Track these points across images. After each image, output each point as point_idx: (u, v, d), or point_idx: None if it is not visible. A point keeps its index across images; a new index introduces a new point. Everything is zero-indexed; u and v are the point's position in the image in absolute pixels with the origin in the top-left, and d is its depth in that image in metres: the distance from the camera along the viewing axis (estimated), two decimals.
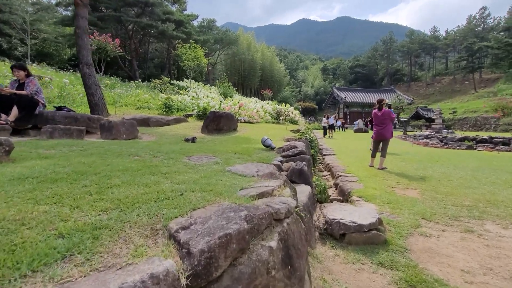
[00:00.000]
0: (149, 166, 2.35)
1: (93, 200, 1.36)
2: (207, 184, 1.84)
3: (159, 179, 1.89)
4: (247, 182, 2.04)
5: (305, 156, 3.64)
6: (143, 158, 2.90)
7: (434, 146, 12.27)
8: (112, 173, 1.93)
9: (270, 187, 1.73)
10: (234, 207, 1.30)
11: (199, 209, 1.32)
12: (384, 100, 6.36)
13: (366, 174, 5.81)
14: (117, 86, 18.33)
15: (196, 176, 2.14)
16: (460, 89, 58.35)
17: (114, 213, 1.22)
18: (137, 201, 1.37)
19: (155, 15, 29.66)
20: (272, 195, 1.64)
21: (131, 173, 1.99)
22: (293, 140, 6.26)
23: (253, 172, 2.73)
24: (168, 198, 1.46)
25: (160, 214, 1.23)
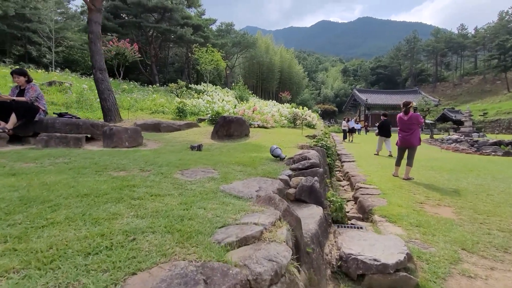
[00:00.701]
0: (125, 187, 1.98)
1: (1, 251, 0.99)
2: (180, 217, 1.43)
3: (121, 209, 1.50)
4: (237, 212, 1.61)
5: (318, 170, 3.15)
6: (128, 174, 2.54)
7: (465, 151, 11.24)
8: (66, 200, 1.57)
9: (258, 227, 1.28)
10: (190, 274, 0.87)
11: (141, 272, 0.91)
12: (411, 103, 5.71)
13: (390, 185, 5.19)
14: (134, 90, 18.56)
15: (174, 202, 1.74)
16: (491, 89, 54.79)
17: (11, 281, 0.83)
18: (61, 255, 0.99)
19: (174, 20, 30.08)
20: (260, 240, 1.21)
21: (91, 199, 1.62)
22: (307, 147, 5.76)
23: (252, 191, 2.30)
24: (111, 247, 1.06)
25: (79, 285, 0.83)
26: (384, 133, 10.84)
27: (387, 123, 11.01)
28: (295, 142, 6.38)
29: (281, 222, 1.46)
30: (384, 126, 11.04)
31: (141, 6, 28.11)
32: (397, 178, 5.95)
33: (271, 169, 3.31)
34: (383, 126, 11.05)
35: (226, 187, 2.36)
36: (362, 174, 6.45)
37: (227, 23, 43.01)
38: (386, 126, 10.99)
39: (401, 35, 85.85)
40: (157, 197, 1.82)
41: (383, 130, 10.92)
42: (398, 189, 4.88)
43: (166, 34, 30.86)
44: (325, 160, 5.30)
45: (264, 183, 2.69)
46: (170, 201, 1.75)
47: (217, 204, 1.80)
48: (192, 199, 1.86)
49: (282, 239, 1.23)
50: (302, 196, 2.69)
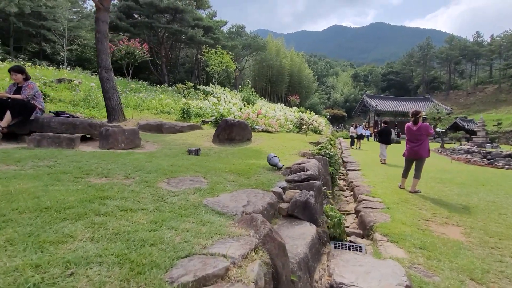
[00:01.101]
0: (96, 198, 1.82)
1: None
2: (142, 242, 1.26)
3: (78, 229, 1.34)
4: (210, 236, 1.43)
5: (315, 183, 2.94)
6: (109, 181, 2.39)
7: (477, 163, 10.79)
8: (21, 215, 1.42)
9: (224, 263, 1.09)
10: None
11: None
12: (420, 113, 5.43)
13: (395, 198, 4.92)
14: (142, 90, 18.65)
15: (145, 219, 1.57)
16: (506, 99, 53.23)
17: None
18: None
19: (185, 21, 30.26)
20: (224, 280, 1.02)
21: (50, 215, 1.46)
22: (309, 155, 5.54)
23: (238, 206, 2.11)
24: (38, 285, 0.89)
25: None
26: (384, 140, 10.83)
27: (387, 130, 11.07)
28: (297, 149, 6.16)
29: (256, 253, 1.27)
30: (383, 133, 11.06)
31: (153, 7, 28.39)
32: (404, 190, 5.67)
33: (265, 180, 3.12)
34: (383, 132, 11.09)
35: (210, 200, 2.18)
36: (366, 184, 6.19)
37: (238, 25, 43.11)
38: (386, 133, 11.01)
39: (414, 41, 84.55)
40: (128, 212, 1.66)
41: (383, 137, 10.94)
42: (403, 203, 4.61)
43: (177, 35, 31.07)
44: (327, 169, 5.07)
45: (254, 196, 2.50)
46: (140, 218, 1.58)
47: (193, 223, 1.62)
48: (167, 215, 1.68)
49: (251, 278, 1.04)
50: (295, 212, 2.49)
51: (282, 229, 2.26)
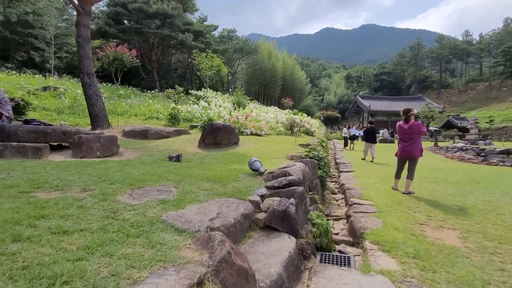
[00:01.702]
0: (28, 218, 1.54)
1: None
2: (53, 279, 0.99)
3: None
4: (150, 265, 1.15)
5: (296, 189, 2.67)
6: (59, 196, 2.11)
7: (471, 161, 10.65)
8: None
9: None
10: None
11: None
12: (411, 111, 5.22)
13: (388, 201, 4.69)
14: (131, 96, 18.29)
15: (76, 245, 1.29)
16: (497, 96, 53.86)
17: None
18: None
19: (175, 26, 30.04)
20: None
21: None
22: (297, 157, 5.29)
23: (204, 220, 1.84)
24: None
25: None
26: (370, 139, 11.20)
27: (372, 129, 11.43)
28: (286, 152, 5.91)
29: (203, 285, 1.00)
30: (369, 133, 11.43)
31: (142, 12, 28.13)
32: (397, 192, 5.44)
33: (243, 187, 2.86)
34: (368, 132, 11.45)
35: (172, 214, 1.91)
36: (358, 186, 5.95)
37: (229, 29, 43.04)
38: (371, 132, 11.37)
39: (405, 42, 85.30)
40: (59, 236, 1.38)
41: (368, 136, 11.31)
42: (396, 206, 4.37)
43: (167, 40, 30.80)
44: (315, 173, 4.82)
45: (227, 206, 2.23)
46: (72, 243, 1.31)
47: (138, 245, 1.35)
48: (109, 237, 1.41)
49: None
50: (273, 223, 2.22)
51: (256, 245, 1.99)
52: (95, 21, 28.62)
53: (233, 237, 1.95)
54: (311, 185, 3.90)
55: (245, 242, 2.03)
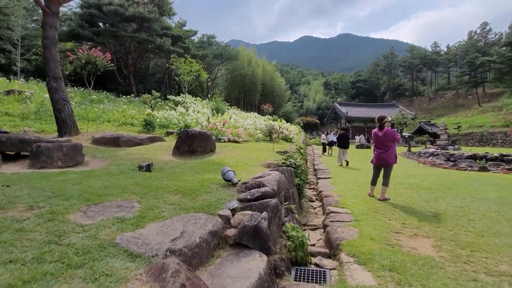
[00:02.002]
0: None
1: None
2: None
3: None
4: None
5: (269, 202, 2.53)
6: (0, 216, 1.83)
7: (442, 166, 11.09)
8: None
9: None
10: None
11: None
12: (386, 118, 5.30)
13: (364, 208, 4.68)
14: (105, 101, 17.54)
15: None
16: (464, 103, 57.30)
17: None
18: None
19: (152, 30, 29.43)
20: None
21: None
22: (274, 165, 5.19)
23: (165, 242, 1.66)
24: None
25: None
26: (342, 145, 11.87)
27: (345, 136, 12.12)
28: (263, 160, 5.79)
29: None
30: (342, 139, 12.08)
31: (118, 15, 27.33)
32: (373, 198, 5.47)
33: (214, 200, 2.68)
34: (341, 138, 12.10)
35: (128, 236, 1.70)
36: (336, 194, 5.94)
37: (208, 34, 42.88)
38: (344, 138, 12.02)
39: (380, 51, 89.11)
40: None
41: (341, 142, 11.95)
42: (372, 214, 4.36)
43: (144, 44, 30.08)
44: (292, 181, 4.73)
45: (193, 223, 2.05)
46: None
47: (79, 278, 1.15)
48: (44, 269, 1.19)
49: None
50: (243, 240, 2.07)
51: (224, 266, 1.82)
52: (67, 23, 27.44)
53: (199, 259, 1.78)
54: (287, 194, 3.79)
55: (212, 263, 1.86)
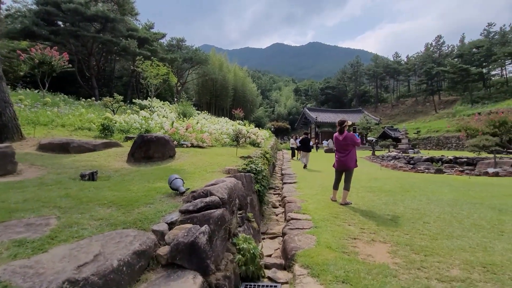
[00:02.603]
0: None
1: None
2: None
3: None
4: None
5: (213, 213, 2.27)
6: None
7: (402, 169, 11.57)
8: None
9: None
10: None
11: None
12: (346, 122, 5.29)
13: (326, 214, 4.59)
14: (60, 104, 16.25)
15: None
16: (422, 110, 61.48)
17: None
18: None
19: (117, 31, 28.09)
20: None
21: None
22: (234, 171, 4.95)
23: (67, 271, 1.35)
24: None
25: None
26: (304, 148, 12.47)
27: (306, 140, 12.70)
28: (224, 165, 5.53)
29: None
30: (303, 142, 12.65)
31: (78, 14, 25.73)
32: (335, 203, 5.43)
33: (153, 212, 2.38)
34: (303, 142, 12.69)
35: (18, 264, 1.36)
36: (299, 199, 5.83)
37: (178, 38, 41.98)
38: (305, 142, 12.60)
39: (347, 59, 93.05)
40: None
41: (303, 145, 12.60)
42: (333, 219, 4.27)
43: (108, 46, 28.58)
44: (251, 187, 4.52)
45: (116, 242, 1.74)
46: None
47: None
48: None
49: None
50: (177, 260, 1.80)
51: None
52: (19, 20, 25.29)
53: (115, 287, 1.48)
54: (243, 202, 3.56)
55: None
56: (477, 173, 9.89)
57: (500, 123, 13.72)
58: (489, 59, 53.73)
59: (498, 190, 6.39)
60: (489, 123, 14.21)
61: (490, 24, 65.00)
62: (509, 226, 3.91)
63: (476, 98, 49.76)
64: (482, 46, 56.21)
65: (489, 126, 14.20)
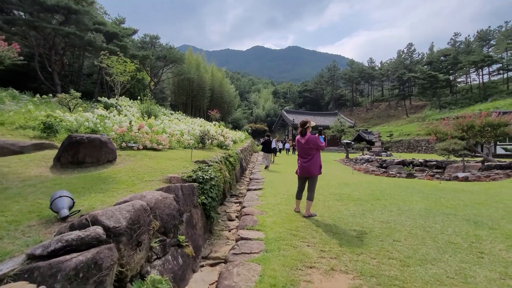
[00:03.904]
0: None
1: None
2: None
3: None
4: None
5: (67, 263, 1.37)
6: None
7: (374, 173, 11.24)
8: None
9: None
10: None
11: None
12: (308, 122, 4.64)
13: (283, 230, 3.89)
14: (6, 100, 14.50)
15: None
16: (395, 114, 63.52)
17: None
18: None
19: (82, 24, 26.15)
20: None
21: None
22: (178, 179, 4.13)
23: None
24: None
25: None
26: (265, 149, 12.69)
27: (268, 141, 12.96)
28: (170, 172, 4.68)
29: None
30: (265, 144, 12.85)
31: (37, 4, 23.61)
32: (298, 215, 4.75)
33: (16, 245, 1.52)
34: (266, 143, 12.85)
35: None
36: (259, 210, 5.10)
37: (151, 35, 40.24)
38: (267, 143, 12.79)
39: (325, 64, 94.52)
40: None
41: (264, 147, 12.82)
42: (290, 238, 3.57)
43: (71, 39, 26.51)
44: (192, 200, 3.71)
45: None
46: None
47: None
48: None
49: None
50: None
51: None
52: None
53: None
54: (171, 223, 2.76)
55: None
56: (447, 177, 9.71)
57: (468, 127, 13.88)
58: (456, 67, 56.55)
59: (469, 198, 6.03)
60: (457, 127, 14.36)
61: (456, 34, 68.76)
62: (487, 244, 3.40)
63: (444, 104, 52.07)
64: (449, 54, 59.14)
65: (458, 130, 14.35)
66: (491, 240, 3.52)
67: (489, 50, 59.31)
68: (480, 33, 63.89)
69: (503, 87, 50.96)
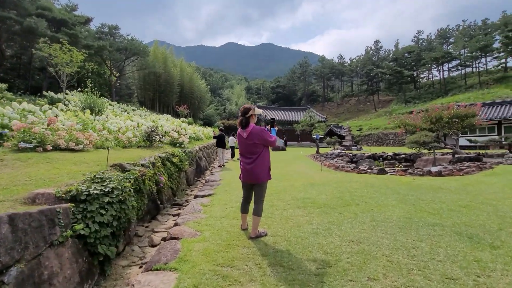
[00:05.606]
0: None
1: None
2: None
3: None
4: None
5: None
6: None
7: (345, 169, 10.34)
8: None
9: None
10: None
11: None
12: (250, 109, 3.38)
13: (211, 267, 2.61)
14: None
15: None
16: (364, 108, 64.93)
17: None
18: None
19: (21, 8, 22.96)
20: None
21: None
22: (48, 196, 2.69)
23: None
24: None
25: None
26: (219, 144, 12.31)
27: (221, 136, 12.51)
28: (52, 183, 3.20)
29: None
30: (218, 139, 12.43)
31: None
32: (242, 236, 3.50)
33: None
34: (219, 138, 12.42)
35: None
36: (193, 229, 3.79)
37: (110, 25, 36.92)
38: (221, 138, 12.41)
39: (297, 61, 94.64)
40: None
41: (218, 142, 12.39)
42: (216, 282, 2.29)
43: (7, 24, 23.17)
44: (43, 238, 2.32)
45: None
46: None
47: None
48: None
49: None
50: None
51: None
52: None
53: None
54: None
55: None
56: (420, 172, 9.01)
57: (436, 118, 13.55)
58: (419, 63, 58.69)
59: (451, 199, 5.14)
60: (426, 119, 14.02)
61: (419, 31, 71.63)
62: (499, 278, 2.35)
63: (409, 98, 53.85)
64: (413, 51, 61.26)
65: (426, 121, 14.01)
66: (501, 270, 2.48)
67: (448, 47, 62.29)
68: (440, 31, 67.00)
69: (461, 82, 53.67)
